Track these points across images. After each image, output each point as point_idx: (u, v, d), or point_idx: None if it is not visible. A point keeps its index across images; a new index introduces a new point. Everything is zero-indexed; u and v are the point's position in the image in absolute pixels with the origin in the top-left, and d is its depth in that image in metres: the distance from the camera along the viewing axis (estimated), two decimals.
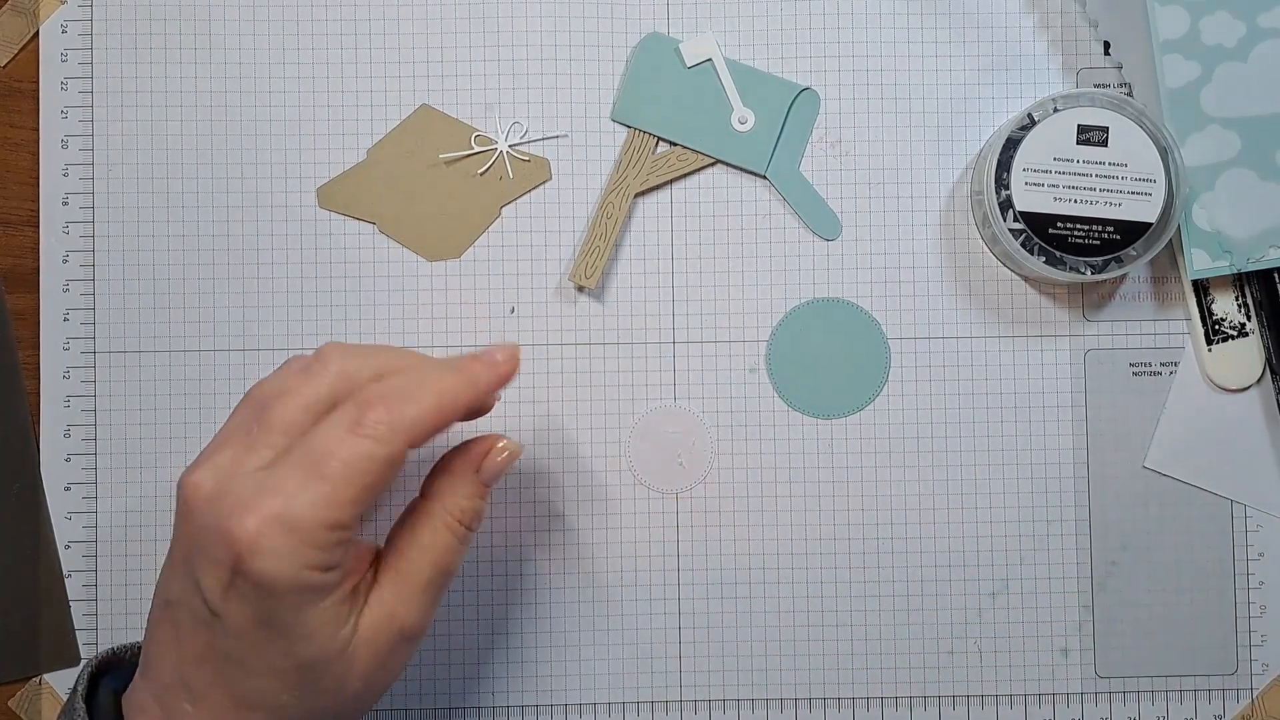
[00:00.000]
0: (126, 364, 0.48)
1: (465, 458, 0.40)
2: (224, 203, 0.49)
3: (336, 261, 0.49)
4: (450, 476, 0.40)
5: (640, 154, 0.49)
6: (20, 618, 0.48)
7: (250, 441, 0.37)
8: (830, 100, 0.49)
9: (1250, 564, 0.48)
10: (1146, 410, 0.49)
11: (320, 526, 0.35)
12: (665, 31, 0.49)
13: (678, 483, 0.49)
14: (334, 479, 0.35)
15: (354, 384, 0.38)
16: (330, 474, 0.35)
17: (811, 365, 0.49)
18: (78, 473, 0.48)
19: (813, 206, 0.49)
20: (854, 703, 0.48)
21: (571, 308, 0.49)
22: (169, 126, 0.49)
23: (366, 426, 0.36)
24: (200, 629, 0.36)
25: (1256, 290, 0.48)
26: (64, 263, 0.48)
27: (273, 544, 0.34)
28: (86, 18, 0.49)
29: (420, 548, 0.39)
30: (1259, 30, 0.46)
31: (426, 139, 0.49)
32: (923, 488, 0.48)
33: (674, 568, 0.48)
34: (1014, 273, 0.49)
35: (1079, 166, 0.45)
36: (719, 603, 0.48)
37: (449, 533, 0.39)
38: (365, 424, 0.36)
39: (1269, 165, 0.46)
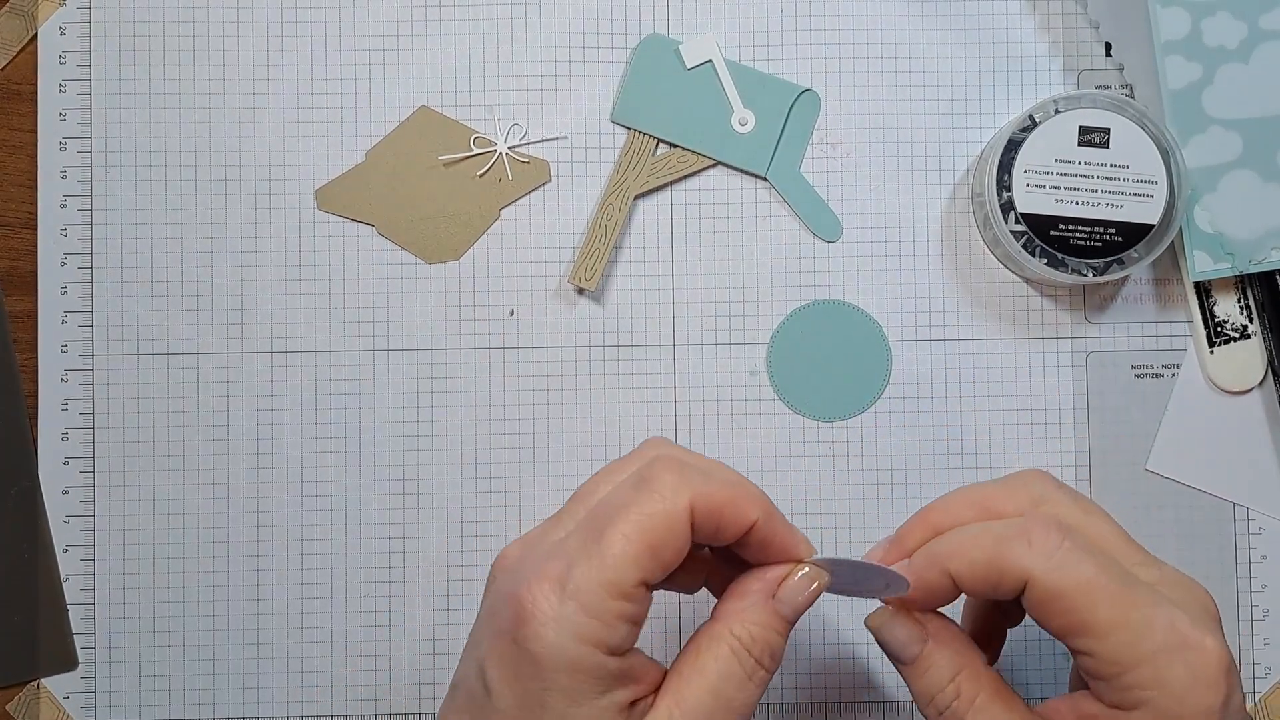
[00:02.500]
0: (124, 367, 0.48)
1: (761, 579, 0.36)
2: (222, 205, 0.49)
3: (335, 264, 0.49)
4: (742, 599, 0.36)
5: (640, 155, 0.48)
6: (18, 622, 0.48)
7: (559, 516, 0.35)
8: (831, 101, 0.49)
9: (1252, 567, 0.48)
10: (1148, 412, 0.48)
11: (598, 589, 0.32)
12: (665, 33, 0.49)
13: None
14: (614, 541, 0.33)
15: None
16: (611, 537, 0.33)
17: (812, 367, 0.48)
18: (76, 476, 0.48)
19: (813, 208, 0.49)
20: (855, 707, 0.48)
21: (571, 310, 0.49)
22: (167, 129, 0.49)
23: (651, 484, 0.33)
24: (473, 709, 0.33)
25: (1258, 292, 0.47)
26: (62, 265, 0.48)
27: (550, 609, 0.32)
28: (85, 20, 0.49)
29: (701, 673, 0.34)
30: (1260, 31, 0.46)
31: (426, 141, 0.49)
32: (924, 490, 0.48)
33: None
34: (1015, 274, 0.49)
35: (1080, 168, 0.45)
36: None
37: (734, 659, 0.34)
38: (649, 478, 0.34)
39: (1271, 167, 0.46)
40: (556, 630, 0.32)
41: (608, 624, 0.32)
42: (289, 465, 0.48)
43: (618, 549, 0.32)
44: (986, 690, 0.36)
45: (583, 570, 0.32)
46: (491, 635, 0.33)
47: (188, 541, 0.48)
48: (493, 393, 0.48)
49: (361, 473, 0.48)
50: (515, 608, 0.32)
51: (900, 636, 0.37)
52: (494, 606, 0.34)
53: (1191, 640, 0.33)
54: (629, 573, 0.33)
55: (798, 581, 0.36)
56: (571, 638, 0.32)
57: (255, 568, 0.48)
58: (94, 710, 0.48)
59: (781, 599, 0.36)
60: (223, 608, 0.48)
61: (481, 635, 0.34)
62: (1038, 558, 0.34)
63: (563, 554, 0.33)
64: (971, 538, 0.35)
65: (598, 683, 0.33)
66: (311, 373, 0.48)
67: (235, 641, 0.48)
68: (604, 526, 0.33)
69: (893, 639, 0.37)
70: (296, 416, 0.48)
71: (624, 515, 0.33)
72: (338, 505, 0.48)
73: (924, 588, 0.36)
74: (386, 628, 0.48)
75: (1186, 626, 0.33)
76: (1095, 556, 0.34)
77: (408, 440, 0.48)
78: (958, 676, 0.36)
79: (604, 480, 0.36)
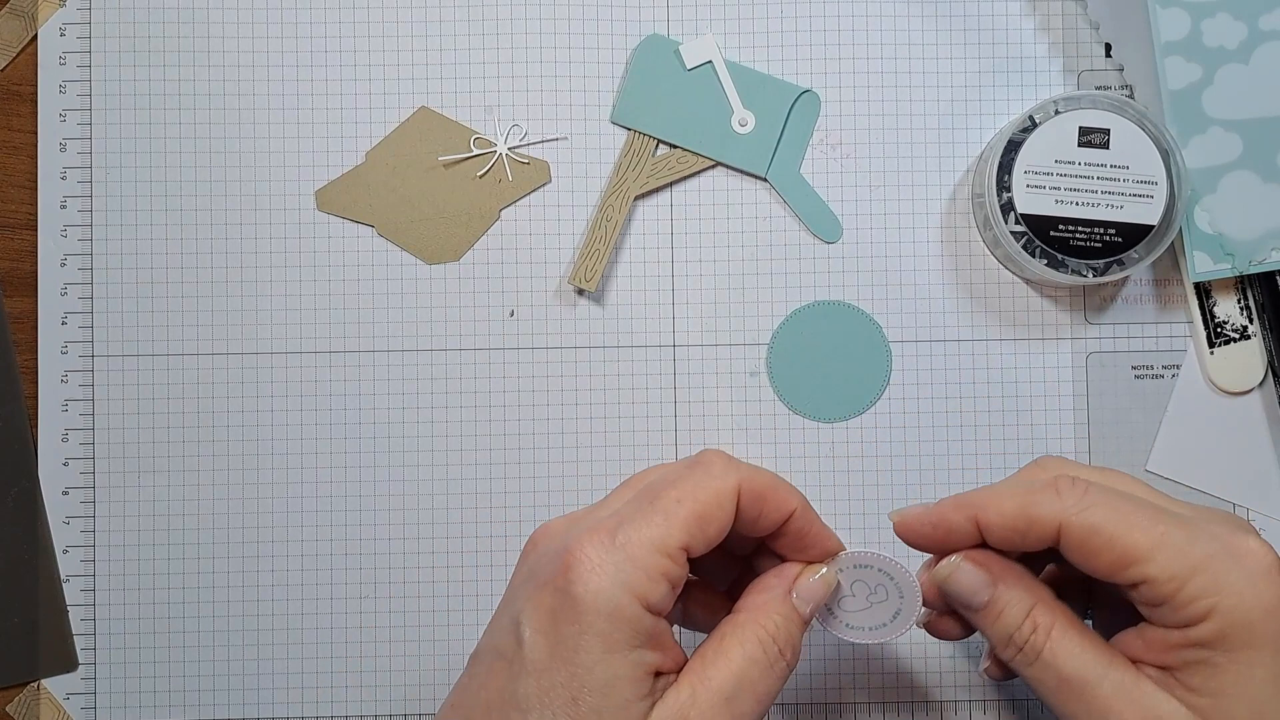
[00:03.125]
0: (124, 368, 0.48)
1: (780, 575, 0.38)
2: (222, 206, 0.49)
3: (335, 265, 0.49)
4: (764, 593, 0.38)
5: (640, 156, 0.48)
6: (18, 623, 0.48)
7: (606, 499, 0.38)
8: (831, 102, 0.49)
9: None
10: (1148, 413, 0.48)
11: (648, 546, 0.34)
12: (665, 33, 0.49)
13: None
14: (666, 504, 0.35)
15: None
16: (663, 501, 0.35)
17: (813, 368, 0.48)
18: (75, 477, 0.48)
19: (814, 209, 0.49)
20: (855, 708, 0.48)
21: (571, 311, 0.49)
22: (167, 129, 0.49)
23: (702, 463, 0.36)
24: (498, 669, 0.35)
25: (1258, 293, 0.47)
26: (62, 266, 0.48)
27: (599, 556, 0.34)
28: (85, 20, 0.49)
29: (725, 656, 0.36)
30: (1260, 32, 0.46)
31: (425, 141, 0.49)
32: (924, 491, 0.48)
33: None
34: (1015, 275, 0.49)
35: (1080, 169, 0.45)
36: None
37: (758, 646, 0.36)
38: (702, 461, 0.36)
39: (1271, 167, 0.46)
40: (602, 576, 0.34)
41: (652, 578, 0.34)
42: (289, 466, 0.48)
43: (669, 509, 0.35)
44: (1062, 619, 0.36)
45: (634, 526, 0.34)
46: (533, 589, 0.35)
47: (188, 542, 0.48)
48: (493, 393, 0.48)
49: (361, 473, 0.48)
50: (564, 558, 0.34)
51: (970, 583, 0.37)
52: (535, 566, 0.36)
53: (1236, 544, 0.34)
54: (676, 534, 0.35)
55: (816, 583, 0.38)
56: (617, 584, 0.34)
57: (255, 568, 0.48)
58: (94, 711, 0.48)
59: (799, 595, 0.37)
60: (223, 608, 0.48)
61: (517, 594, 0.35)
62: (1068, 503, 0.35)
63: (614, 516, 0.35)
64: (1003, 488, 0.37)
65: (633, 636, 0.34)
66: (311, 373, 0.48)
67: (235, 642, 0.48)
68: (657, 494, 0.35)
69: (963, 586, 0.37)
70: (296, 417, 0.48)
71: (677, 485, 0.35)
72: (338, 506, 0.48)
73: (945, 528, 0.37)
74: (386, 628, 0.48)
75: (1228, 534, 0.35)
76: (1123, 495, 0.36)
77: (408, 441, 0.48)
78: (1032, 611, 0.36)
79: (654, 470, 0.38)
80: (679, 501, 0.35)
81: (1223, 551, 0.34)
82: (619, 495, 0.38)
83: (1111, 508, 0.35)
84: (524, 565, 0.37)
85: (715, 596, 0.41)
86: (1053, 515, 0.35)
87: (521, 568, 0.37)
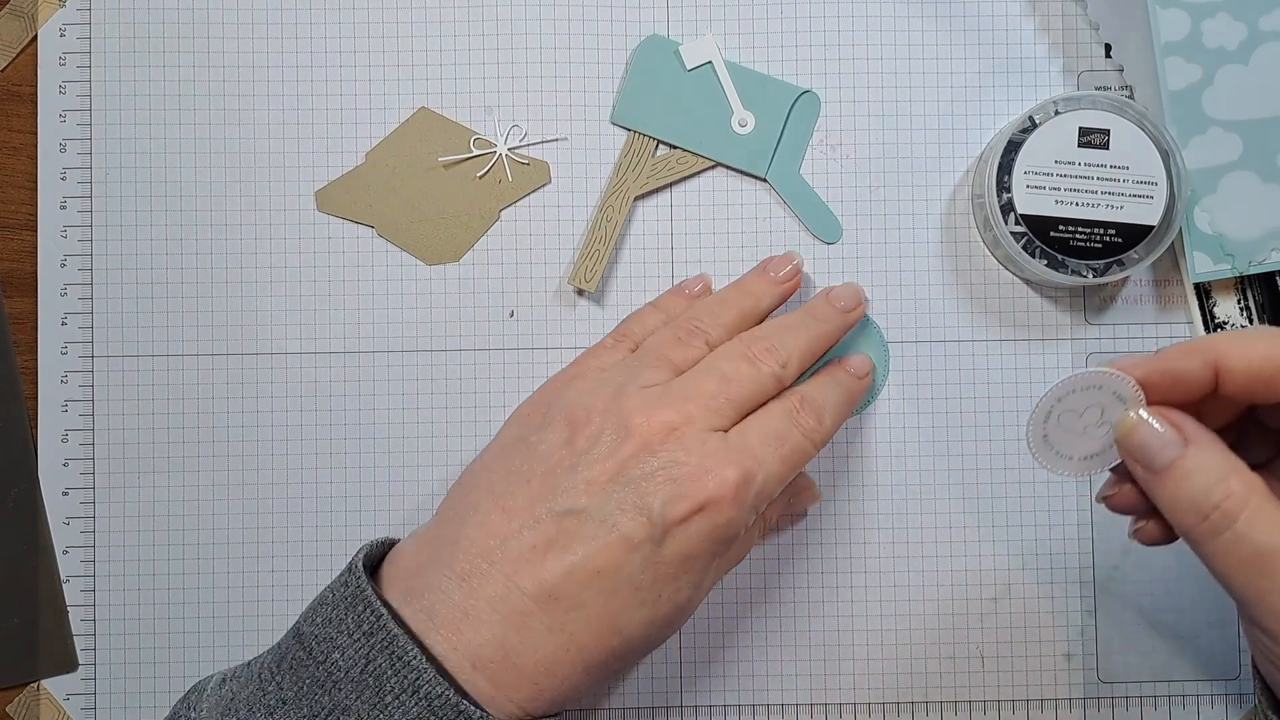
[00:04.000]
0: (124, 368, 0.48)
1: (792, 485, 0.46)
2: (222, 206, 0.49)
3: (335, 265, 0.49)
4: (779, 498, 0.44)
5: (640, 157, 0.48)
6: (18, 623, 0.48)
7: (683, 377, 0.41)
8: (831, 103, 0.49)
9: None
10: None
11: (766, 497, 0.39)
12: (665, 34, 0.49)
13: None
14: (787, 461, 0.40)
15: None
16: (785, 456, 0.40)
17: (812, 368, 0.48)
18: (76, 478, 0.48)
19: (813, 209, 0.49)
20: (855, 708, 0.48)
21: (571, 311, 0.49)
22: (167, 130, 0.49)
23: (806, 429, 0.41)
24: (617, 547, 0.37)
25: (1258, 293, 0.47)
26: (62, 267, 0.48)
27: (744, 499, 0.38)
28: (85, 21, 0.49)
29: (748, 542, 0.44)
30: (1260, 33, 0.46)
31: (425, 142, 0.49)
32: (924, 492, 0.48)
33: None
34: (1015, 276, 0.49)
35: (1080, 169, 0.45)
36: (719, 608, 0.48)
37: (758, 536, 0.46)
38: (805, 426, 0.41)
39: (1271, 168, 0.46)
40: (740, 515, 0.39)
41: (755, 515, 0.41)
42: (289, 467, 0.48)
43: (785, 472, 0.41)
44: (1261, 489, 0.33)
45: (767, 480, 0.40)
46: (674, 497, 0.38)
47: (188, 543, 0.48)
48: (493, 394, 0.48)
49: (361, 474, 0.48)
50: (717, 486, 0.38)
51: (1159, 438, 0.34)
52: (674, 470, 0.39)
53: None
54: (779, 489, 0.41)
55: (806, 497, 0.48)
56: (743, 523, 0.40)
57: (255, 569, 0.48)
58: (94, 711, 0.48)
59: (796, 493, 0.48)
60: (223, 609, 0.48)
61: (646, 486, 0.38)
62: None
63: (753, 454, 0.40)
64: (1251, 333, 0.35)
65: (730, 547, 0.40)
66: (311, 374, 0.48)
67: (235, 643, 0.48)
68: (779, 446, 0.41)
69: (1149, 441, 0.34)
70: (296, 418, 0.48)
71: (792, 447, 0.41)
72: (338, 507, 0.48)
73: (1172, 376, 0.35)
74: None
75: None
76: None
77: (408, 441, 0.48)
78: (1228, 476, 0.33)
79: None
80: (787, 464, 0.40)
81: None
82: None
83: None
84: (644, 453, 0.38)
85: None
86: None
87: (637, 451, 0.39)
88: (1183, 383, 0.35)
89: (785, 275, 0.45)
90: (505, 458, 0.40)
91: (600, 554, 0.37)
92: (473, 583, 0.37)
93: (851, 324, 0.45)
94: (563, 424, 0.40)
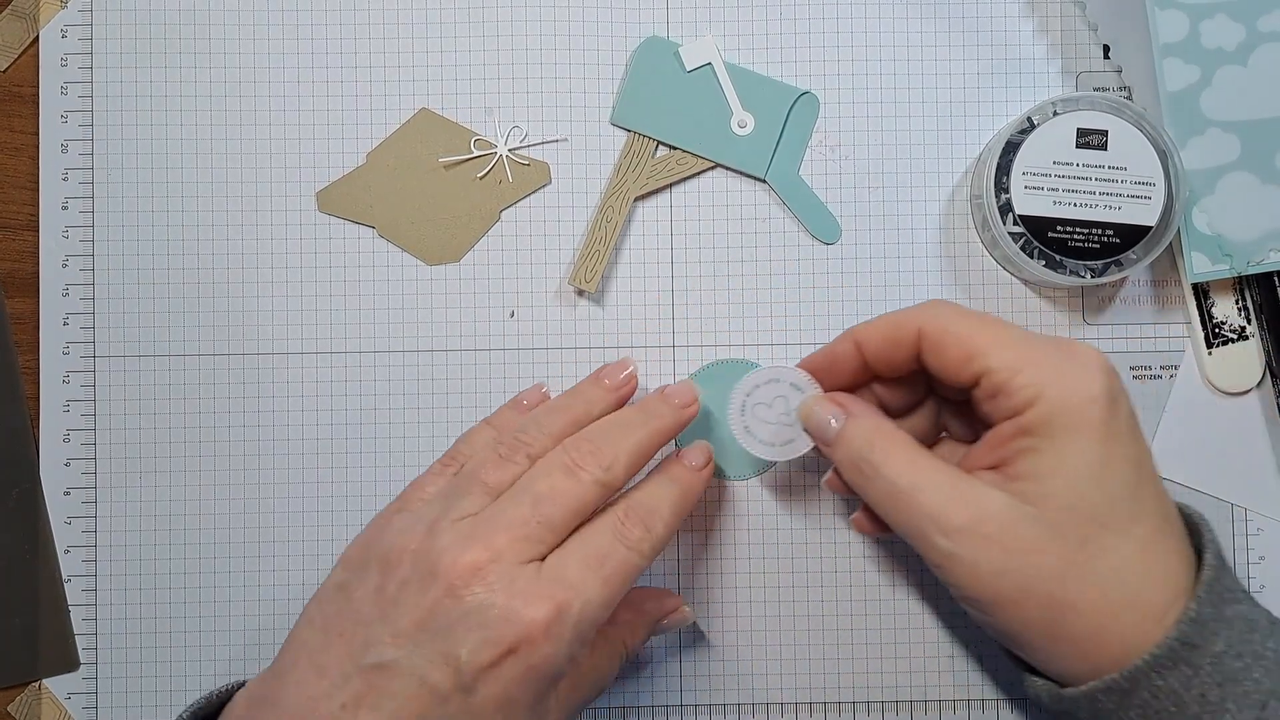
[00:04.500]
0: (126, 368, 0.48)
1: (659, 606, 0.45)
2: (223, 207, 0.49)
3: (336, 265, 0.49)
4: (641, 617, 0.44)
5: (640, 157, 0.49)
6: (19, 623, 0.48)
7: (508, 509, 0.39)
8: (830, 104, 0.49)
9: (1251, 568, 0.48)
10: (1147, 414, 0.48)
11: (592, 623, 0.38)
12: (665, 35, 0.49)
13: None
14: (611, 582, 0.38)
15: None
16: (608, 577, 0.38)
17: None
18: (77, 477, 0.48)
19: (812, 210, 0.49)
20: (854, 707, 0.48)
21: (571, 311, 0.49)
22: (168, 131, 0.49)
23: (632, 541, 0.39)
24: (426, 701, 0.36)
25: (1256, 293, 0.48)
26: (63, 267, 0.48)
27: (560, 634, 0.37)
28: (86, 22, 0.49)
29: (598, 670, 0.42)
30: (1258, 34, 0.46)
31: (426, 143, 0.49)
32: None
33: (674, 572, 0.48)
34: (1014, 276, 0.49)
35: (1078, 170, 0.45)
36: (719, 607, 0.48)
37: (617, 660, 0.43)
38: (630, 538, 0.39)
39: (1269, 168, 0.46)
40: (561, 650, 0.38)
41: (585, 645, 0.39)
42: (289, 467, 0.48)
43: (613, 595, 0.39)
44: (899, 441, 0.40)
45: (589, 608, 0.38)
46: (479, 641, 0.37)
47: (189, 542, 0.48)
48: (493, 394, 0.48)
49: (362, 474, 0.48)
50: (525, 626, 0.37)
51: (826, 415, 0.41)
52: (478, 615, 0.38)
53: (1070, 346, 0.39)
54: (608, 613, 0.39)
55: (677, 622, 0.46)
56: (567, 657, 0.38)
57: (256, 569, 0.48)
58: (95, 710, 0.48)
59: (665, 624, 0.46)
60: (224, 609, 0.48)
61: (453, 634, 0.37)
62: (926, 311, 0.40)
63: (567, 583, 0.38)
64: (877, 316, 0.42)
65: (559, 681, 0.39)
66: (312, 374, 0.49)
67: (236, 643, 0.48)
68: (600, 568, 0.39)
69: (820, 419, 0.42)
70: (297, 418, 0.48)
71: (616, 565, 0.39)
72: (338, 507, 0.48)
73: (831, 355, 0.42)
74: None
75: (1065, 341, 0.39)
76: (978, 311, 0.40)
77: (409, 442, 0.48)
78: (872, 435, 0.40)
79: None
80: (619, 584, 0.38)
81: (1055, 350, 0.38)
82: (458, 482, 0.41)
83: (962, 314, 0.40)
84: (446, 599, 0.37)
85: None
86: (913, 321, 0.40)
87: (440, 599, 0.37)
88: (840, 361, 0.42)
89: (620, 382, 0.44)
90: (324, 608, 0.39)
91: (408, 709, 0.36)
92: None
93: (686, 420, 0.43)
94: (377, 569, 0.39)
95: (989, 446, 0.39)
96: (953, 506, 0.38)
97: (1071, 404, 0.37)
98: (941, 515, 0.38)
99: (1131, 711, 0.37)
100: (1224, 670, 0.36)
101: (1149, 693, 0.37)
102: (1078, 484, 0.37)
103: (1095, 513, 0.37)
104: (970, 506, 0.38)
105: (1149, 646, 0.37)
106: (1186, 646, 0.36)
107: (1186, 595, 0.37)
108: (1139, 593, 0.37)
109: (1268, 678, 0.36)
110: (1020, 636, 0.39)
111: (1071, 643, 0.37)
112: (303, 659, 0.38)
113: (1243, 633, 0.37)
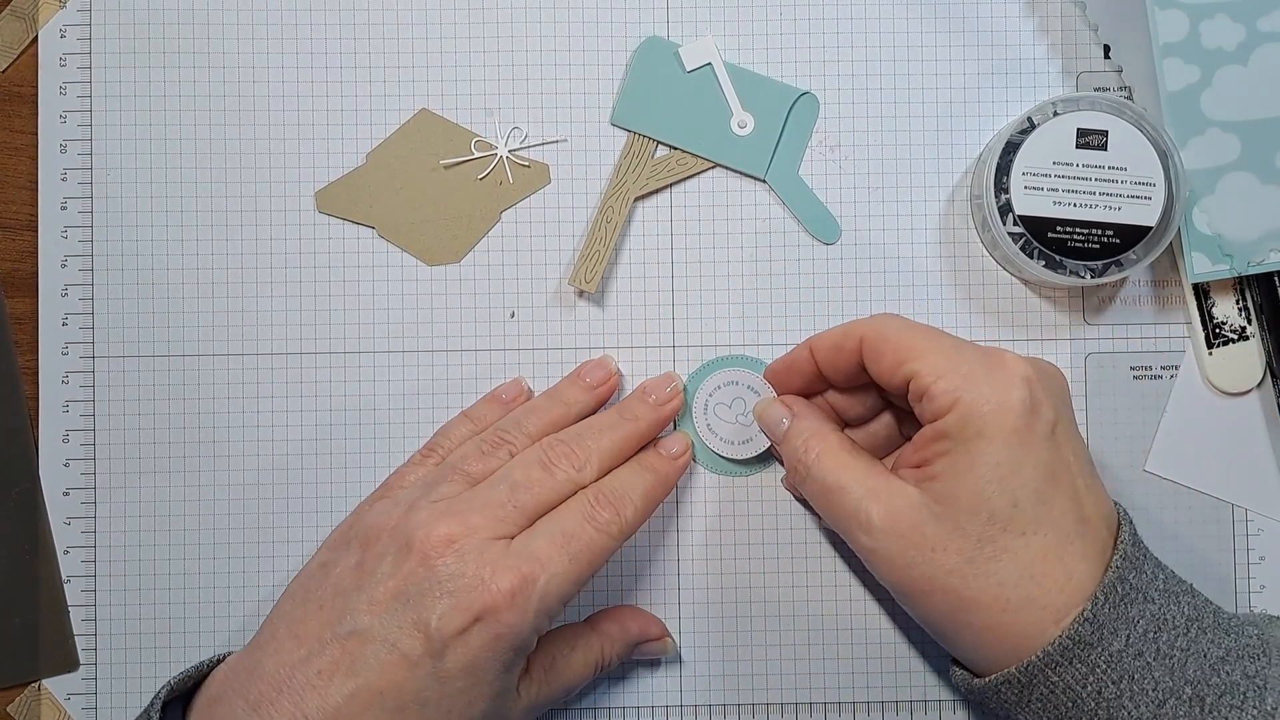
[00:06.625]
0: (125, 369, 0.48)
1: (643, 629, 0.47)
2: (223, 207, 0.49)
3: (335, 266, 0.49)
4: (625, 633, 0.46)
5: (640, 158, 0.49)
6: (19, 623, 0.48)
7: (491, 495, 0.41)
8: (829, 104, 0.49)
9: (1251, 568, 0.48)
10: (1147, 414, 0.49)
11: (557, 598, 0.39)
12: (665, 35, 0.49)
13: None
14: (578, 560, 0.40)
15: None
16: (575, 554, 0.40)
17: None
18: (76, 478, 0.48)
19: (812, 210, 0.49)
20: (854, 707, 0.48)
21: (571, 312, 0.49)
22: (168, 131, 0.49)
23: (600, 523, 0.41)
24: (398, 666, 0.38)
25: (1257, 294, 0.48)
26: (62, 267, 0.48)
27: (525, 604, 0.38)
28: (85, 22, 0.49)
29: (572, 668, 0.44)
30: (1259, 34, 0.46)
31: (426, 143, 0.49)
32: None
33: (674, 572, 0.48)
34: (1014, 276, 0.49)
35: (1079, 170, 0.45)
36: (719, 607, 0.48)
37: (591, 668, 0.45)
38: (599, 520, 0.41)
39: (1269, 168, 0.46)
40: (525, 621, 0.40)
41: (551, 620, 0.41)
42: (289, 467, 0.48)
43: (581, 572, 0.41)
44: (832, 442, 0.43)
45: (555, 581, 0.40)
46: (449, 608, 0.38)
47: (188, 542, 0.48)
48: None
49: (362, 474, 0.48)
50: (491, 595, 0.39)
51: (774, 413, 0.45)
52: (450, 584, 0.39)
53: (997, 356, 0.40)
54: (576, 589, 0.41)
55: (657, 650, 0.47)
56: (532, 628, 0.40)
57: (255, 568, 0.48)
58: (95, 711, 0.48)
59: (644, 650, 0.47)
60: (223, 609, 0.48)
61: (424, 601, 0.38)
62: (872, 321, 0.42)
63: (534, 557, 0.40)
64: (847, 324, 0.44)
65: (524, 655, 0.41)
66: (312, 375, 0.48)
67: (236, 643, 0.48)
68: (568, 545, 0.41)
69: (770, 419, 0.45)
70: (297, 419, 0.48)
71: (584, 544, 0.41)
72: (338, 507, 0.48)
73: (789, 360, 0.45)
74: None
75: (995, 351, 0.41)
76: (920, 324, 0.42)
77: (409, 442, 0.48)
78: (809, 436, 0.43)
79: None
80: (588, 563, 0.40)
81: (980, 358, 0.40)
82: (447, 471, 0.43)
83: (903, 325, 0.42)
84: (419, 569, 0.39)
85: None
86: (858, 330, 0.42)
87: (415, 568, 0.39)
88: (796, 365, 0.45)
89: (597, 380, 0.46)
90: (305, 584, 0.41)
91: (382, 675, 0.38)
92: (263, 711, 0.38)
93: (667, 418, 0.45)
94: (358, 546, 0.41)
95: (914, 447, 0.41)
96: (873, 505, 0.40)
97: (985, 410, 0.39)
98: (863, 513, 0.40)
99: (1032, 704, 0.39)
100: (1121, 668, 0.38)
101: (1045, 687, 0.39)
102: (982, 486, 0.39)
103: (996, 515, 0.39)
104: (887, 505, 0.40)
105: (1044, 644, 0.38)
106: (1080, 645, 0.38)
107: (1091, 597, 0.39)
108: (1037, 593, 0.39)
109: (1169, 676, 0.38)
110: (934, 627, 0.41)
111: (975, 634, 0.39)
112: (282, 629, 0.40)
113: (1148, 632, 0.38)
